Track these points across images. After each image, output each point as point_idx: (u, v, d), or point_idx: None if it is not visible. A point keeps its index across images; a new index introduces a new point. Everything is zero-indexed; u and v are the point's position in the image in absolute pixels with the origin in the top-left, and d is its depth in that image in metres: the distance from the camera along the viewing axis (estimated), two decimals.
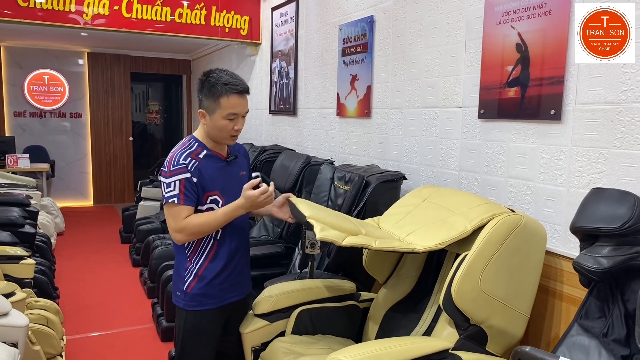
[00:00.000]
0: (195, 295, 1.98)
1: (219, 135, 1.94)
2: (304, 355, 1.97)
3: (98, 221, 7.12)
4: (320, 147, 4.19)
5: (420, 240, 1.92)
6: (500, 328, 1.85)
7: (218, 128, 1.92)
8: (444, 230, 1.91)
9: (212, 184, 1.94)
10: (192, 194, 1.89)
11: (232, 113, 1.90)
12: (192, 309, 1.99)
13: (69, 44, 7.67)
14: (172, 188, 1.86)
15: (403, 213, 2.21)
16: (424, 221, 2.06)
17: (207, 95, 1.90)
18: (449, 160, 2.76)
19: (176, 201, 1.86)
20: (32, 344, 2.42)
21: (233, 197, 1.97)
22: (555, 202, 2.16)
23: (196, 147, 1.95)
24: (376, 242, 1.84)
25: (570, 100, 2.07)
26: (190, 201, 1.88)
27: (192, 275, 1.98)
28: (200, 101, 1.94)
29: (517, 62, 2.30)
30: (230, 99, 1.88)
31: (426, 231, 1.97)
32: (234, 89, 1.88)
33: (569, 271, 2.07)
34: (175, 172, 1.87)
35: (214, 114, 1.89)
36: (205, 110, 1.92)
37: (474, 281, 1.80)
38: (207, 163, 1.94)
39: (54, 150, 7.98)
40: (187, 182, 1.87)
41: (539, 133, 2.22)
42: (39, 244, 4.15)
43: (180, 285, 2.00)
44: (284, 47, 4.86)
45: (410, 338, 1.78)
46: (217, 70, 1.93)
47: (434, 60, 2.84)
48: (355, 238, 1.82)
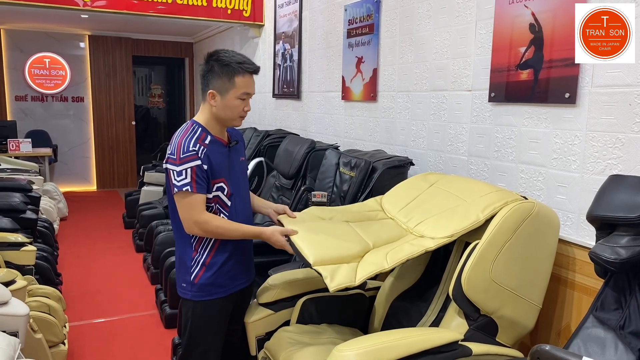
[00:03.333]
0: (203, 285, 1.93)
1: (229, 116, 1.90)
2: (310, 345, 1.92)
3: (101, 206, 7.09)
4: (324, 132, 4.11)
5: (431, 230, 1.86)
6: (511, 319, 1.80)
7: (230, 108, 1.87)
8: (456, 220, 1.85)
9: (219, 171, 1.89)
10: (204, 182, 1.84)
11: (245, 92, 1.87)
12: (201, 299, 1.94)
13: (69, 27, 7.56)
14: (183, 176, 1.80)
15: (409, 197, 2.14)
16: (433, 209, 1.99)
17: (219, 74, 1.85)
18: (457, 145, 2.68)
19: (189, 189, 1.80)
20: (33, 332, 2.39)
21: (236, 184, 1.93)
22: (568, 189, 2.09)
23: (200, 132, 1.88)
24: (388, 258, 1.75)
25: (586, 82, 1.98)
26: (203, 189, 1.83)
27: (199, 265, 1.93)
28: (208, 82, 1.88)
29: (530, 43, 2.21)
30: (244, 78, 1.85)
31: (436, 220, 1.91)
32: (248, 68, 1.86)
33: (582, 260, 2.01)
34: (186, 159, 1.81)
35: (227, 93, 1.85)
36: (216, 90, 1.86)
37: (485, 271, 1.74)
38: (213, 149, 1.88)
39: (56, 134, 7.93)
40: (198, 170, 1.81)
41: (553, 117, 2.14)
42: (41, 229, 4.12)
43: (187, 277, 1.96)
44: (287, 29, 4.75)
45: (419, 329, 1.73)
46: (225, 50, 1.89)
47: (442, 42, 2.75)
48: (367, 269, 1.72)
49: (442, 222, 1.88)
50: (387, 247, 1.85)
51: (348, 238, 1.90)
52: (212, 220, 1.85)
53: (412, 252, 1.77)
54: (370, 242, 1.88)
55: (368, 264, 1.75)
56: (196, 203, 1.83)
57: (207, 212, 1.86)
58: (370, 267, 1.72)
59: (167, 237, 3.97)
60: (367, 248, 1.85)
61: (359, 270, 1.71)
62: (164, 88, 10.74)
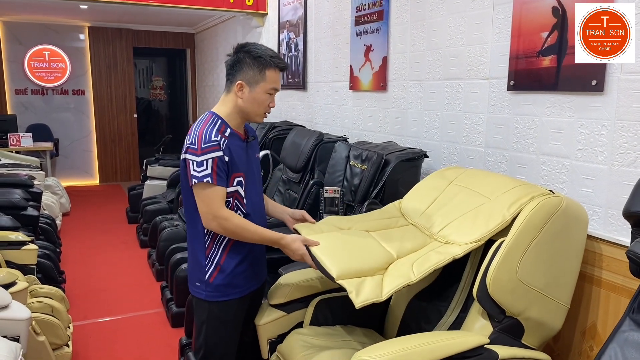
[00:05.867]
0: (219, 285, 1.86)
1: (255, 110, 1.84)
2: (325, 349, 1.83)
3: (104, 201, 7.01)
4: (332, 123, 4.00)
5: (456, 235, 1.77)
6: (539, 320, 1.71)
7: (257, 102, 1.82)
8: (481, 222, 1.75)
9: (239, 165, 1.83)
10: (224, 174, 1.77)
11: (274, 87, 1.84)
12: (217, 299, 1.87)
13: (69, 18, 7.43)
14: (204, 167, 1.72)
15: (428, 199, 2.04)
16: (455, 211, 1.89)
17: (250, 66, 1.80)
18: (473, 136, 2.57)
19: (210, 181, 1.72)
20: (36, 335, 2.31)
21: (252, 181, 1.87)
22: (594, 181, 1.98)
23: (220, 124, 1.81)
24: (414, 269, 1.66)
25: (615, 69, 1.87)
26: (223, 182, 1.76)
27: (214, 264, 1.86)
28: (236, 73, 1.82)
29: (553, 27, 2.09)
30: (275, 73, 1.83)
31: (461, 223, 1.81)
32: (279, 63, 1.84)
33: (609, 256, 1.92)
34: (208, 149, 1.73)
35: (257, 86, 1.81)
36: (245, 82, 1.80)
37: (512, 270, 1.64)
38: (232, 142, 1.81)
39: (57, 128, 7.83)
40: (219, 161, 1.74)
41: (578, 106, 2.03)
42: (44, 226, 4.03)
43: (201, 275, 1.87)
44: (292, 17, 4.62)
45: (442, 333, 1.63)
46: (255, 44, 1.85)
47: (457, 28, 2.63)
48: (393, 282, 1.64)
49: (467, 225, 1.78)
50: (412, 256, 1.75)
51: (370, 249, 1.82)
52: (232, 217, 1.77)
53: (439, 261, 1.68)
54: (393, 253, 1.80)
55: (394, 277, 1.66)
56: (216, 196, 1.75)
57: (227, 209, 1.78)
58: (396, 280, 1.64)
59: (172, 233, 3.88)
60: (390, 259, 1.76)
61: (385, 284, 1.63)
62: (165, 80, 10.61)
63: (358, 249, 1.81)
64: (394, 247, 1.82)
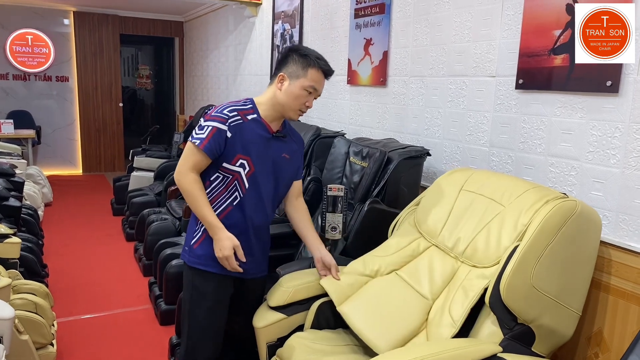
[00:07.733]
0: (201, 255, 1.91)
1: (289, 104, 1.88)
2: (329, 354, 1.75)
3: (88, 191, 6.82)
4: (327, 118, 3.91)
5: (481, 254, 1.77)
6: (550, 327, 1.66)
7: (294, 96, 1.87)
8: (503, 235, 1.73)
9: (247, 148, 1.86)
10: (216, 146, 1.82)
11: (312, 86, 1.87)
12: (195, 266, 1.93)
13: (53, 2, 7.19)
14: (202, 131, 1.83)
15: (443, 211, 2.00)
16: (473, 225, 1.86)
17: (296, 61, 1.88)
18: (477, 135, 2.51)
19: (198, 144, 1.81)
20: (19, 334, 2.18)
21: (263, 169, 1.89)
22: (605, 185, 1.93)
23: (248, 107, 1.90)
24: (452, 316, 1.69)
25: (631, 70, 1.82)
26: (210, 152, 1.82)
27: (201, 232, 1.92)
28: (282, 66, 1.90)
29: (566, 25, 2.03)
30: (317, 73, 1.88)
31: (481, 240, 1.79)
32: (324, 65, 1.89)
33: (619, 262, 1.87)
34: (214, 118, 1.84)
35: (297, 80, 1.87)
36: (287, 74, 1.88)
37: (526, 276, 1.59)
38: (251, 126, 1.87)
39: (39, 115, 7.59)
40: (217, 133, 1.82)
41: (590, 107, 1.97)
42: (26, 217, 3.88)
43: (190, 240, 1.96)
44: (287, 8, 4.51)
45: (454, 341, 1.57)
46: (306, 47, 1.94)
47: (463, 23, 2.56)
48: None
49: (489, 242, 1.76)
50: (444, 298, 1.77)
51: (406, 302, 1.83)
52: (189, 179, 1.83)
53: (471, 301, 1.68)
54: (428, 295, 1.82)
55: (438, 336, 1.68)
56: (195, 159, 1.83)
57: (194, 173, 1.84)
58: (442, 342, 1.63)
59: (160, 227, 3.76)
60: (427, 306, 1.79)
61: None
62: (152, 69, 10.39)
63: (395, 307, 1.83)
64: (425, 286, 1.84)
